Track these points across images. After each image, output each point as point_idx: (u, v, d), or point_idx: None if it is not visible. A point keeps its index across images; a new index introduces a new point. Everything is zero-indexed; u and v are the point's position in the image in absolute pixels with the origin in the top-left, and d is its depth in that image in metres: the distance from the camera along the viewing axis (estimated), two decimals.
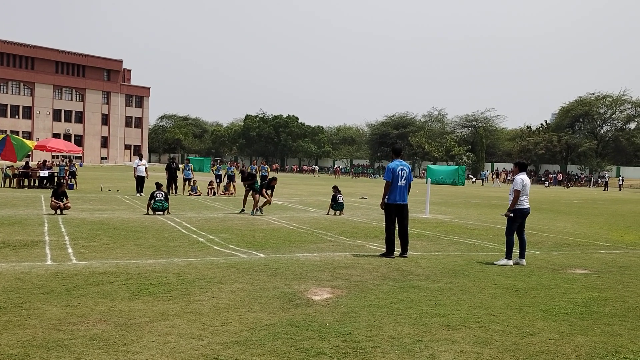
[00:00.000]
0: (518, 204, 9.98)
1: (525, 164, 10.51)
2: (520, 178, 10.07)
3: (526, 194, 10.07)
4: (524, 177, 10.10)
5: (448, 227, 15.57)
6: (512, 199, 10.00)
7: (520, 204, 10.01)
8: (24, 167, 27.64)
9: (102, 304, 6.21)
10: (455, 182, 55.84)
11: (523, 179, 10.05)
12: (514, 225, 10.02)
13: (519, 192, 9.95)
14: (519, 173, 10.24)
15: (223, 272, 8.16)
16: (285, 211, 18.88)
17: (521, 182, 10.00)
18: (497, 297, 7.16)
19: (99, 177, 40.79)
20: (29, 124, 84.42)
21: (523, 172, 10.26)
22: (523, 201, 10.04)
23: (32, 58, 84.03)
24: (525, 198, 10.06)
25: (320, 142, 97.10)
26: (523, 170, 10.30)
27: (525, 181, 10.04)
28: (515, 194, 9.97)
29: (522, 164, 10.42)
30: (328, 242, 11.78)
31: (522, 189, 9.97)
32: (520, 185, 9.98)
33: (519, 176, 10.14)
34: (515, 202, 9.96)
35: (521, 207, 10.02)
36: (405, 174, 10.40)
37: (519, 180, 10.03)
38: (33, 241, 10.59)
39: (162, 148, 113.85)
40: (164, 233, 12.30)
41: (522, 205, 10.04)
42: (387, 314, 6.14)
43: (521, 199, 10.00)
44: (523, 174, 10.18)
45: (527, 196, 10.12)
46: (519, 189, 9.96)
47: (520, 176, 10.13)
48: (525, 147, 77.35)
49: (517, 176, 10.19)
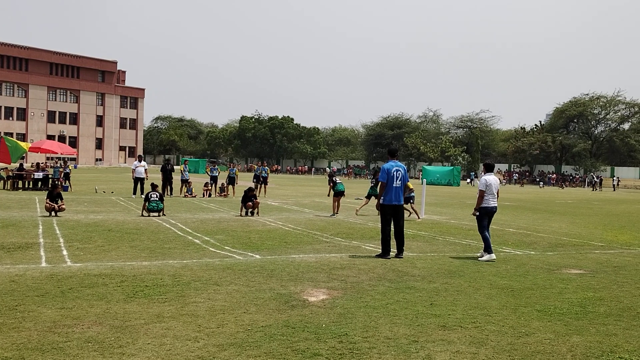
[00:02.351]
0: (485, 202, 10.57)
1: (491, 165, 11.20)
2: (485, 179, 10.69)
3: (491, 193, 10.61)
4: (489, 178, 10.68)
5: (444, 228, 15.59)
6: (478, 198, 10.59)
7: (487, 202, 10.59)
8: (18, 169, 27.52)
9: (97, 306, 6.19)
10: (450, 183, 55.96)
11: (487, 179, 10.63)
12: (483, 222, 10.57)
13: (483, 192, 10.55)
14: (486, 173, 10.87)
15: (219, 274, 8.15)
16: (281, 212, 18.88)
17: (485, 182, 10.61)
18: (492, 298, 7.17)
19: (94, 178, 40.67)
20: (23, 126, 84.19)
21: (490, 172, 10.90)
22: (489, 200, 10.60)
23: (26, 59, 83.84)
24: (491, 197, 10.60)
25: (316, 143, 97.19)
26: (489, 171, 10.97)
27: (490, 181, 10.61)
28: (480, 194, 10.58)
29: (488, 165, 11.14)
30: (324, 243, 11.78)
31: (486, 189, 10.56)
32: (484, 186, 10.59)
33: (485, 176, 10.77)
34: (480, 201, 10.58)
35: (487, 205, 10.60)
36: (401, 175, 10.42)
37: (483, 181, 10.66)
38: (27, 243, 10.55)
39: (157, 149, 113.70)
40: (159, 235, 12.27)
41: (489, 203, 10.60)
42: (383, 315, 6.14)
43: (487, 197, 10.57)
44: (489, 175, 10.81)
45: (493, 195, 10.66)
46: (482, 189, 10.57)
47: (486, 177, 10.75)
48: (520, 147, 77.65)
49: (483, 177, 10.81)
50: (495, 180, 10.73)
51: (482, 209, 10.55)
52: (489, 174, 10.78)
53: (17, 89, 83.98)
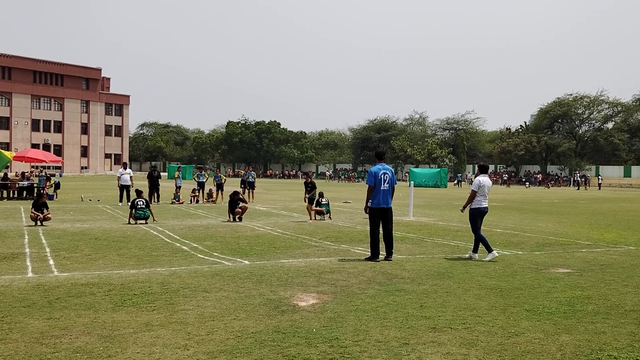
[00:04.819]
0: (476, 203, 10.69)
1: (486, 167, 11.31)
2: (478, 179, 10.79)
3: (483, 194, 10.72)
4: (482, 179, 10.77)
5: (432, 230, 15.64)
6: (468, 197, 10.74)
7: (479, 203, 10.69)
8: (2, 178, 27.21)
9: (85, 316, 6.13)
10: (437, 185, 56.18)
11: (481, 180, 10.73)
12: (477, 223, 10.68)
13: (475, 192, 10.67)
14: (480, 175, 10.94)
15: (208, 281, 8.10)
16: (269, 217, 18.84)
17: (478, 183, 10.72)
18: (481, 298, 7.20)
19: (80, 187, 40.35)
20: (7, 135, 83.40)
21: (484, 174, 10.97)
22: (481, 201, 10.70)
23: (9, 68, 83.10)
24: (482, 198, 10.72)
25: (303, 147, 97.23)
26: (483, 172, 11.04)
27: (483, 182, 10.71)
28: (472, 194, 10.70)
29: (482, 167, 11.24)
30: (313, 247, 11.76)
31: (478, 189, 10.66)
32: (477, 187, 10.70)
33: (478, 177, 10.86)
34: (470, 200, 10.72)
35: (479, 206, 10.71)
36: (388, 178, 10.45)
37: (477, 182, 10.77)
38: (13, 253, 10.43)
39: (144, 156, 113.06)
40: (147, 242, 12.19)
41: (480, 204, 10.70)
42: (373, 318, 6.14)
43: (479, 199, 10.68)
44: (483, 176, 10.89)
45: (485, 196, 10.77)
46: (475, 190, 10.69)
47: (479, 177, 10.83)
48: (505, 148, 78.10)
49: (477, 177, 10.91)
50: (489, 182, 10.85)
51: (475, 210, 10.64)
52: (482, 176, 10.85)
53: (0, 98, 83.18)
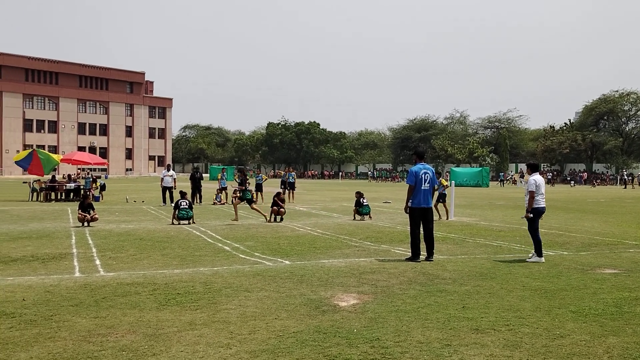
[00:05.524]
0: (535, 203, 10.40)
1: (536, 165, 11.08)
2: (533, 179, 10.51)
3: (541, 193, 10.45)
4: (537, 178, 10.52)
5: (473, 230, 15.44)
6: (528, 199, 10.39)
7: (537, 203, 10.41)
8: (50, 180, 28.08)
9: (131, 315, 6.28)
10: (479, 184, 55.39)
11: (536, 180, 10.47)
12: (535, 223, 10.39)
13: (533, 192, 10.36)
14: (532, 174, 10.71)
15: (249, 280, 8.19)
16: (309, 217, 18.91)
17: (534, 182, 10.43)
18: (525, 299, 7.07)
19: (124, 188, 41.29)
20: (54, 138, 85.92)
21: (535, 172, 10.73)
22: (539, 200, 10.43)
23: (56, 73, 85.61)
24: (540, 197, 10.44)
25: (343, 148, 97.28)
26: (535, 171, 10.80)
27: (539, 181, 10.46)
28: (530, 195, 10.38)
29: (533, 165, 10.99)
30: (353, 248, 11.75)
31: (536, 189, 10.38)
32: (534, 186, 10.41)
33: (532, 177, 10.60)
34: (531, 202, 10.37)
35: (537, 206, 10.43)
36: (429, 178, 10.37)
37: (532, 181, 10.47)
38: (61, 254, 10.75)
39: (186, 158, 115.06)
40: (190, 242, 12.39)
41: (538, 204, 10.43)
42: (414, 319, 6.10)
43: (537, 198, 10.40)
44: (536, 175, 10.64)
45: (543, 195, 10.50)
46: (533, 190, 10.38)
47: (533, 177, 10.58)
48: (549, 146, 76.39)
49: (531, 177, 10.64)
50: (542, 180, 10.60)
51: (534, 210, 10.37)
52: (535, 174, 10.60)
53: (48, 102, 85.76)
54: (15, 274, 8.69)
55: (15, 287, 7.69)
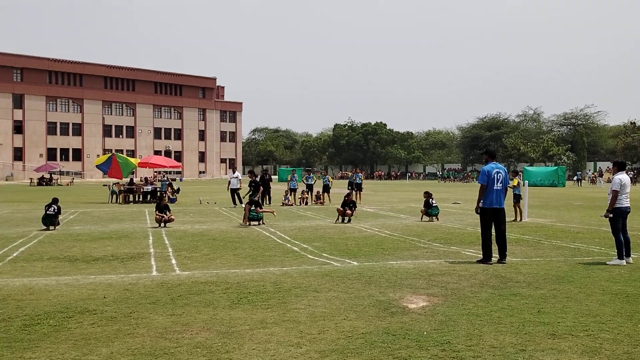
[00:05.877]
0: (618, 202, 9.95)
1: (623, 163, 10.54)
2: (619, 178, 10.07)
3: (625, 193, 10.00)
4: (623, 177, 10.07)
5: (549, 231, 14.91)
6: (611, 199, 9.97)
7: (620, 202, 9.98)
8: (128, 183, 29.30)
9: (205, 313, 6.45)
10: (555, 184, 53.45)
11: (621, 179, 10.02)
12: (617, 224, 9.95)
13: (617, 192, 9.94)
14: (618, 172, 10.24)
15: (318, 281, 8.24)
16: (376, 218, 18.83)
17: (619, 181, 9.99)
18: (605, 304, 6.77)
19: (198, 190, 42.48)
20: (132, 143, 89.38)
21: (622, 171, 10.27)
22: (622, 200, 9.99)
23: (133, 80, 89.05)
24: (624, 197, 10.00)
25: (410, 148, 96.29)
26: (622, 169, 10.32)
27: (624, 180, 10.00)
28: (614, 194, 9.96)
29: (620, 163, 10.47)
30: (422, 249, 11.61)
31: (620, 188, 9.94)
32: (619, 185, 9.97)
33: (618, 176, 10.14)
34: (613, 202, 9.95)
35: (620, 205, 9.99)
36: (502, 177, 10.12)
37: (617, 180, 10.03)
38: (139, 253, 11.18)
39: (256, 160, 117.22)
40: (260, 243, 12.61)
41: (622, 204, 9.99)
42: (487, 323, 5.96)
43: (620, 198, 9.96)
44: (622, 174, 10.17)
45: (627, 195, 10.04)
46: (617, 189, 9.95)
47: (619, 176, 10.12)
48: (630, 144, 72.80)
49: (616, 176, 10.18)
50: (628, 179, 10.17)
51: (616, 210, 9.95)
52: (621, 173, 10.17)
53: (126, 109, 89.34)
54: (96, 272, 9.12)
55: (96, 285, 8.07)
